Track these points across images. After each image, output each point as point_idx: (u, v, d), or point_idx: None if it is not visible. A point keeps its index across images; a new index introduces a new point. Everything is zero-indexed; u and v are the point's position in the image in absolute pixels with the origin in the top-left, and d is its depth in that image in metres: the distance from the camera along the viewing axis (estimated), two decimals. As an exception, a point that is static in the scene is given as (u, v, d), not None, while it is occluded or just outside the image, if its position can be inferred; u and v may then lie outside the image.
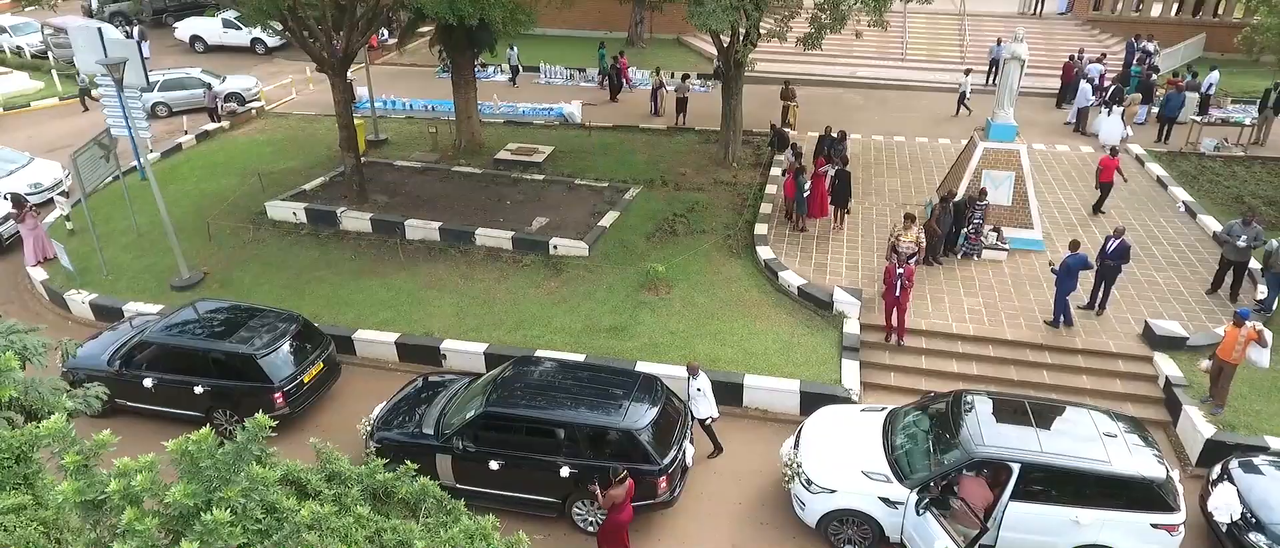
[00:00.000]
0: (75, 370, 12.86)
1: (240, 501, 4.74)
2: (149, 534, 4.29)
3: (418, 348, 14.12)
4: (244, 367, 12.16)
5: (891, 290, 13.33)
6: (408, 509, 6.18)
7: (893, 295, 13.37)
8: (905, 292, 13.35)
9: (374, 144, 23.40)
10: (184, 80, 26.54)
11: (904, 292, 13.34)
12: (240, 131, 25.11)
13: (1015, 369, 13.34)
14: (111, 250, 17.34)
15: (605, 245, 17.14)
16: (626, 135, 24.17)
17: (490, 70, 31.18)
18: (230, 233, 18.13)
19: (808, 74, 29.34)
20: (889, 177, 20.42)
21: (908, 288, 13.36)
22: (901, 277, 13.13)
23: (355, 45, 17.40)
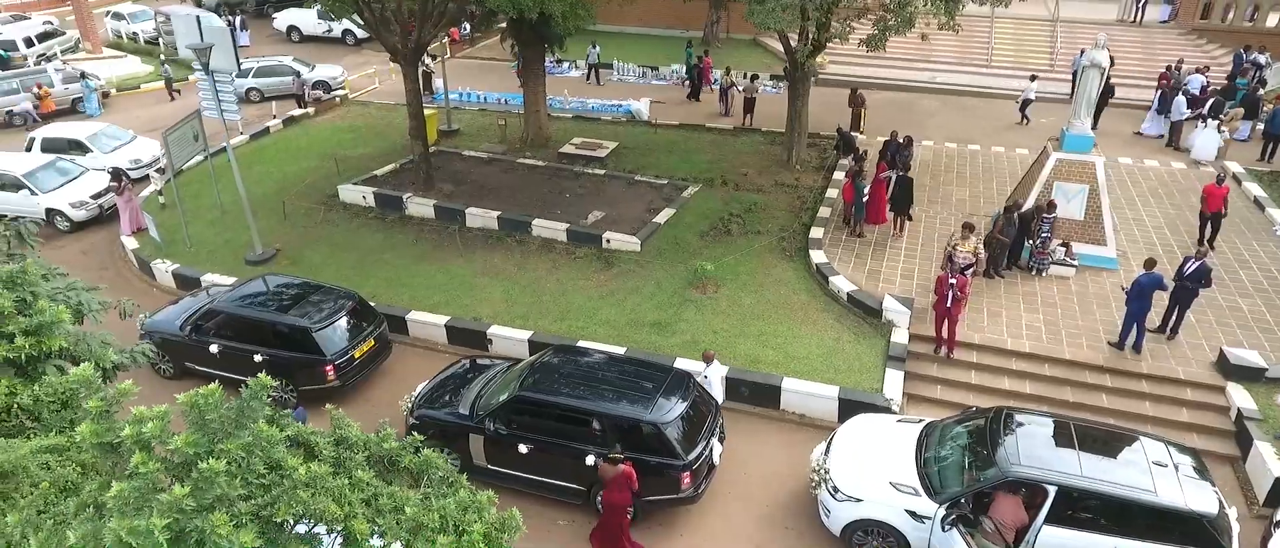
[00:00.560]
0: (151, 333, 13.81)
1: (241, 454, 5.04)
2: (151, 476, 4.61)
3: (466, 332, 14.53)
4: (300, 339, 12.77)
5: (943, 301, 12.93)
6: (411, 479, 6.40)
7: (944, 306, 12.96)
8: (957, 304, 12.92)
9: (446, 134, 24.14)
10: (276, 68, 27.99)
11: (956, 303, 12.91)
12: (324, 118, 26.32)
13: (1072, 391, 12.74)
14: (196, 225, 18.48)
15: (658, 242, 17.21)
16: (692, 134, 24.17)
17: (565, 66, 31.70)
18: (304, 213, 19.06)
19: (883, 78, 28.67)
20: (958, 186, 19.76)
21: (960, 300, 12.92)
22: (953, 287, 12.72)
23: (427, 37, 17.99)
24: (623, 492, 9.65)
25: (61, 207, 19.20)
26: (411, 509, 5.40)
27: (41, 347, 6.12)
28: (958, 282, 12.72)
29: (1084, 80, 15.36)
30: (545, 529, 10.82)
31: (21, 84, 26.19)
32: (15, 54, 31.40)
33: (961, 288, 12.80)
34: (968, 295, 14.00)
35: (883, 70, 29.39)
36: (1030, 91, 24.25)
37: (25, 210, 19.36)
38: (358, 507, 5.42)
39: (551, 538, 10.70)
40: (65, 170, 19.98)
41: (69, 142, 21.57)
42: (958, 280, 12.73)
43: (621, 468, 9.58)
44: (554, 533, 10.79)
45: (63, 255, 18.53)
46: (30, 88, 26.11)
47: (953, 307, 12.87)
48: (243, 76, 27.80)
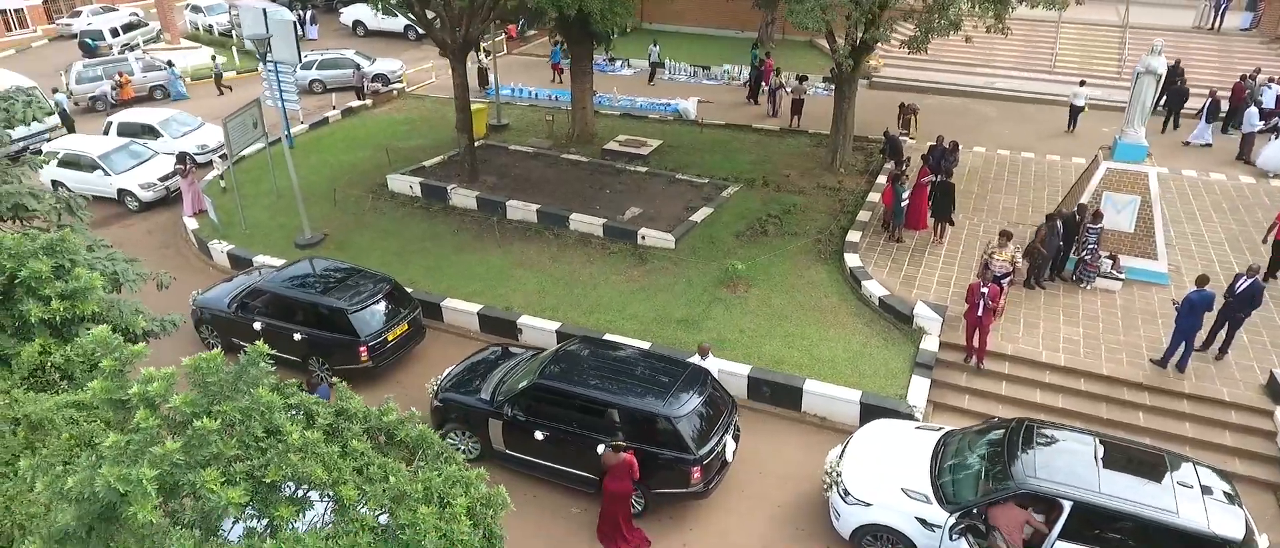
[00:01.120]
0: (202, 309, 14.54)
1: (237, 415, 5.34)
2: (150, 431, 4.94)
3: (497, 321, 14.85)
4: (337, 320, 13.27)
5: (973, 310, 12.65)
6: (407, 452, 6.64)
7: (974, 315, 12.69)
8: (989, 313, 12.62)
9: (495, 128, 24.64)
10: (337, 61, 28.99)
11: (987, 313, 12.62)
12: (381, 110, 27.15)
13: (1106, 407, 12.32)
14: (252, 209, 19.32)
15: (693, 240, 17.27)
16: (737, 135, 24.12)
17: (618, 64, 31.97)
18: (354, 200, 19.74)
19: (939, 83, 28.10)
20: (1007, 194, 19.25)
21: (992, 310, 12.62)
22: (984, 296, 12.43)
23: (475, 33, 18.41)
24: (623, 481, 9.78)
25: (131, 187, 20.31)
26: (395, 479, 5.62)
27: (75, 310, 6.59)
28: (989, 291, 12.43)
29: (1138, 87, 14.80)
30: (559, 516, 11.01)
31: (105, 72, 27.76)
32: (102, 43, 33.27)
33: (993, 297, 12.50)
34: (1000, 306, 13.67)
35: (940, 74, 28.82)
36: (1079, 98, 23.52)
37: (99, 189, 20.57)
38: (347, 474, 5.68)
39: (564, 524, 10.87)
40: (137, 153, 21.12)
41: (142, 126, 22.79)
42: (989, 290, 12.44)
43: (623, 457, 9.70)
44: (564, 518, 10.95)
45: (130, 233, 19.63)
46: (112, 75, 27.65)
47: (984, 316, 12.59)
48: (306, 69, 28.93)
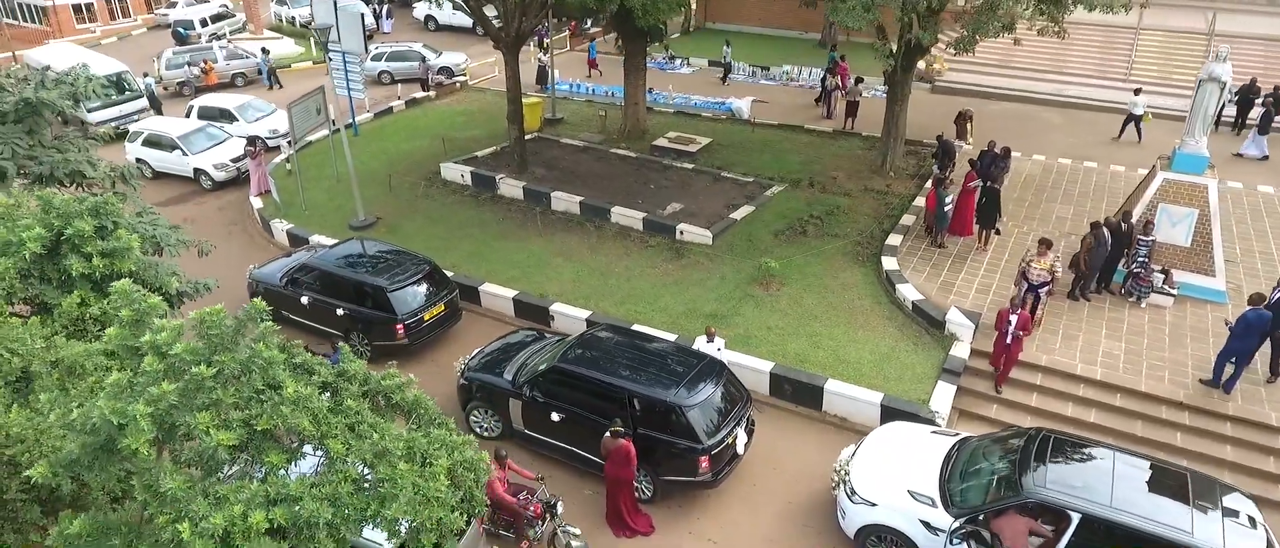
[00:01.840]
0: (257, 282, 15.38)
1: (235, 366, 5.77)
2: (153, 374, 5.40)
3: (531, 306, 15.25)
4: (377, 298, 13.87)
5: (1002, 337, 12.19)
6: (403, 414, 7.00)
7: (1002, 342, 12.20)
8: (1017, 342, 12.14)
9: (550, 122, 25.15)
10: (405, 53, 30.05)
11: (1016, 342, 12.14)
12: (443, 101, 28.03)
13: (1142, 425, 11.88)
14: (313, 191, 20.28)
15: (731, 237, 17.32)
16: (789, 135, 23.99)
17: (677, 63, 32.15)
18: (408, 187, 20.50)
19: (1007, 88, 27.32)
20: (1062, 203, 18.62)
21: (1021, 339, 12.16)
22: (1011, 324, 11.93)
23: (527, 27, 18.88)
24: (623, 467, 9.97)
25: (206, 167, 21.56)
26: (379, 436, 5.96)
27: (114, 267, 7.19)
28: (1019, 319, 11.98)
29: (1200, 95, 14.16)
30: (572, 497, 11.25)
31: (191, 59, 29.49)
32: (192, 32, 35.31)
33: (1023, 326, 12.04)
34: (1038, 316, 13.35)
35: (1007, 80, 28.01)
36: (1136, 106, 22.65)
37: (177, 168, 21.94)
38: (338, 429, 6.06)
39: (578, 506, 11.11)
40: (213, 135, 22.40)
41: (220, 110, 24.16)
42: (1019, 318, 11.98)
43: (621, 443, 9.90)
44: (578, 500, 11.20)
45: (203, 210, 20.86)
46: (198, 63, 29.36)
47: (1012, 345, 12.12)
48: (376, 60, 30.11)
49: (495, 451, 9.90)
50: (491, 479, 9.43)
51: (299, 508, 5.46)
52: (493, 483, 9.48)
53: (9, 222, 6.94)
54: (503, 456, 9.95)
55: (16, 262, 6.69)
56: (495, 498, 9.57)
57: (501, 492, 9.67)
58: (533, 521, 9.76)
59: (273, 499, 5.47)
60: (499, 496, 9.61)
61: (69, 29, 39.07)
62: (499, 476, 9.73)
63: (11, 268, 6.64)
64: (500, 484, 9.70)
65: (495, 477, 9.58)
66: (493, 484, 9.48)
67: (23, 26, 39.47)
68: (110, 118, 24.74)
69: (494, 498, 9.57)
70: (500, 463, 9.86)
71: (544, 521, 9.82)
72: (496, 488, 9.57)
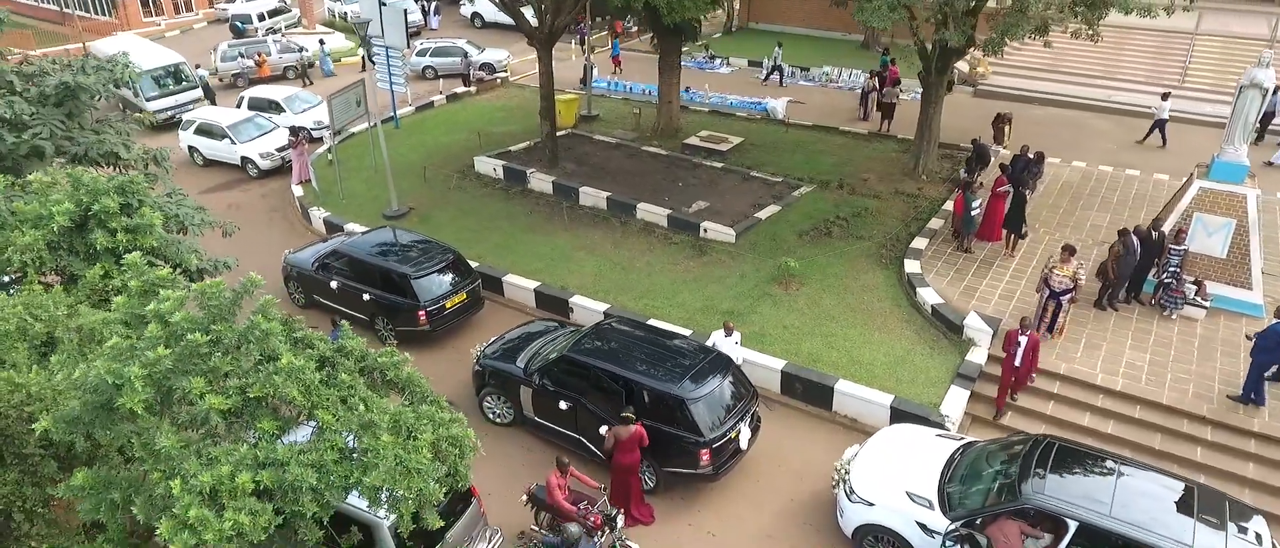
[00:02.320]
0: (291, 266, 15.97)
1: (232, 336, 6.11)
2: (154, 339, 5.76)
3: (552, 298, 15.52)
4: (401, 285, 14.29)
5: (1010, 359, 11.83)
6: (397, 390, 7.28)
7: (1011, 364, 11.84)
8: (1028, 363, 11.79)
9: (585, 119, 25.44)
10: (449, 49, 30.69)
11: (1027, 362, 11.78)
12: (483, 97, 28.56)
13: (1161, 438, 11.59)
14: (352, 181, 20.92)
15: (754, 236, 17.35)
16: (823, 136, 23.85)
17: (717, 62, 32.17)
18: (442, 179, 20.99)
19: (1053, 94, 26.65)
20: (1099, 211, 18.16)
21: (1031, 362, 11.80)
22: (1020, 346, 11.60)
23: (560, 24, 19.17)
24: (633, 452, 10.13)
25: (252, 156, 22.40)
26: (366, 408, 6.24)
27: (136, 242, 7.64)
28: (1028, 341, 11.66)
29: (1241, 102, 13.72)
30: (575, 484, 11.49)
31: (245, 52, 30.60)
32: (249, 26, 36.60)
33: (1033, 348, 11.72)
34: (1060, 324, 13.14)
35: (1054, 85, 27.34)
36: (1162, 111, 22.12)
37: (226, 156, 22.83)
38: (328, 400, 6.36)
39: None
40: (260, 125, 23.26)
41: (269, 101, 25.04)
42: (1028, 340, 11.66)
43: (633, 428, 10.06)
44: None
45: (248, 196, 21.68)
46: (251, 55, 30.44)
47: (1022, 366, 11.79)
48: (421, 56, 30.82)
49: (558, 458, 9.82)
50: (551, 486, 9.48)
51: (285, 473, 5.76)
52: (552, 489, 9.46)
53: (42, 197, 7.45)
54: (565, 463, 9.72)
55: (45, 234, 7.18)
56: (554, 505, 9.48)
57: (561, 499, 9.50)
58: (592, 531, 9.43)
59: (261, 463, 5.78)
60: (558, 503, 9.47)
61: (136, 22, 40.83)
62: (559, 483, 9.58)
63: (40, 239, 7.14)
64: (560, 491, 9.54)
65: (555, 484, 9.52)
66: (552, 491, 9.46)
67: (95, 19, 41.36)
68: (167, 107, 25.88)
69: (553, 505, 9.48)
70: (562, 470, 9.67)
71: (603, 533, 9.51)
72: (556, 495, 9.47)
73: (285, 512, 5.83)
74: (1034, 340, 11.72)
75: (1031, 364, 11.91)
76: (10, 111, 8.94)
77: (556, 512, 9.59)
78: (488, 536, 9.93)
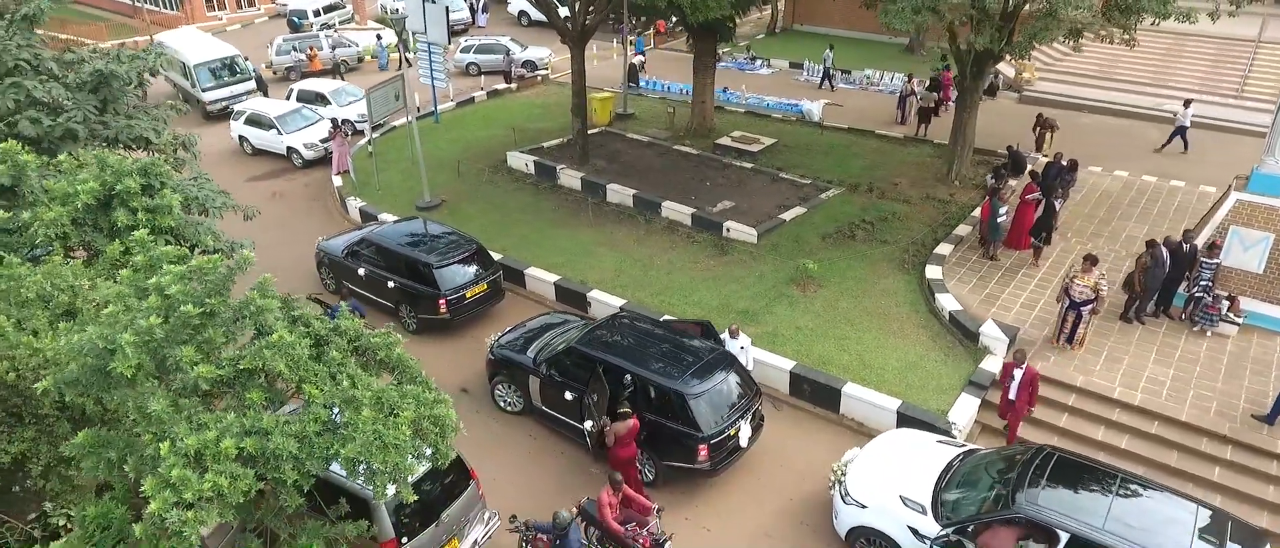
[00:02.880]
0: (323, 252, 16.55)
1: (227, 310, 6.46)
2: (154, 308, 6.14)
3: (571, 292, 15.77)
4: (423, 273, 14.70)
5: (1006, 393, 11.32)
6: (388, 370, 7.58)
7: (1006, 399, 11.33)
8: (1024, 397, 11.22)
9: (621, 117, 25.68)
10: (492, 46, 31.27)
11: (1023, 398, 11.21)
12: (523, 94, 29.04)
13: (1177, 456, 11.26)
14: (389, 173, 21.53)
15: (777, 237, 17.34)
16: (858, 139, 23.64)
17: (758, 63, 32.09)
18: (475, 173, 21.46)
19: (1101, 100, 25.91)
20: (1137, 222, 17.64)
21: (1027, 397, 11.22)
22: (1015, 380, 11.10)
23: (592, 22, 19.43)
24: (630, 446, 10.28)
25: (297, 146, 23.22)
26: (348, 383, 6.53)
27: (155, 222, 8.10)
28: (1025, 374, 11.14)
29: (1283, 112, 13.22)
30: (579, 473, 11.68)
31: (297, 46, 31.67)
32: (305, 21, 37.83)
33: (1029, 383, 11.18)
34: (1081, 335, 12.84)
35: (1103, 92, 26.59)
36: (1184, 118, 21.62)
37: (274, 146, 23.69)
38: (314, 375, 6.67)
39: (584, 482, 11.53)
40: (306, 117, 24.09)
41: (316, 94, 25.91)
42: (1026, 372, 11.15)
43: (631, 422, 10.21)
44: (585, 477, 11.61)
45: (292, 185, 22.49)
46: (304, 50, 31.49)
47: (1017, 400, 11.30)
48: (465, 52, 31.47)
49: (611, 474, 9.52)
50: (602, 503, 9.22)
51: (268, 441, 6.09)
52: (603, 507, 9.20)
53: (71, 176, 7.97)
54: (618, 480, 9.41)
55: (70, 210, 7.69)
56: (603, 523, 9.23)
57: (609, 518, 9.23)
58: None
59: (247, 431, 6.12)
60: (607, 522, 9.22)
61: (201, 16, 42.54)
62: (609, 501, 9.28)
63: (66, 215, 7.64)
64: (610, 510, 9.25)
65: (606, 501, 9.25)
66: (602, 509, 9.20)
67: (163, 12, 43.24)
68: (221, 97, 26.99)
69: (602, 522, 9.23)
70: (615, 488, 9.36)
71: None
72: (605, 513, 9.21)
73: (267, 478, 6.16)
74: (1031, 374, 11.15)
75: (1028, 400, 11.31)
76: (48, 96, 9.59)
77: (604, 530, 9.29)
78: (485, 518, 10.19)
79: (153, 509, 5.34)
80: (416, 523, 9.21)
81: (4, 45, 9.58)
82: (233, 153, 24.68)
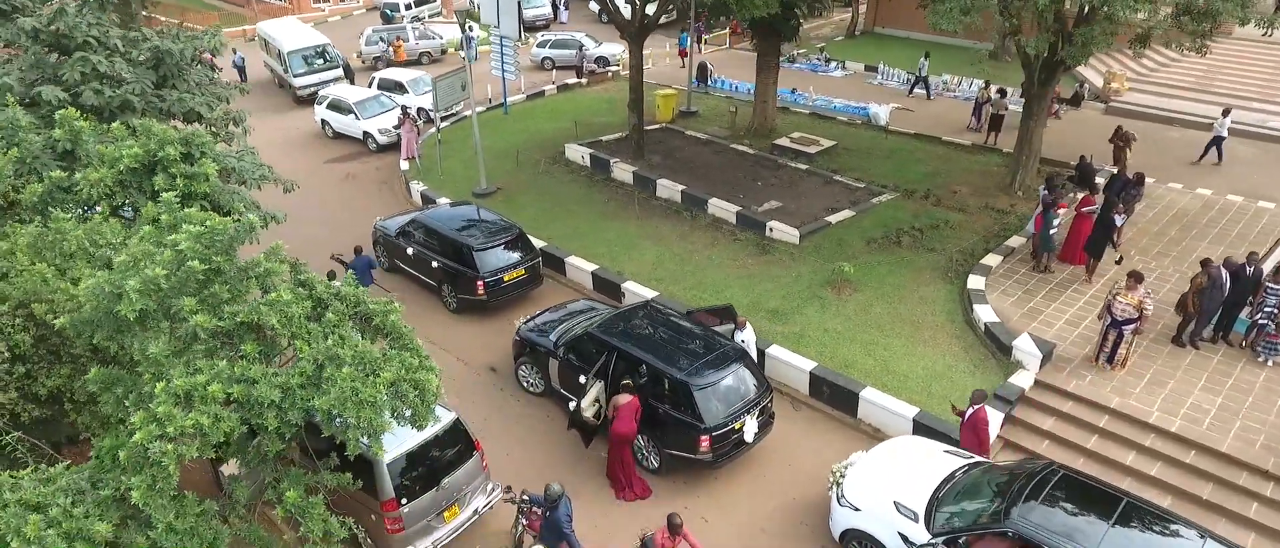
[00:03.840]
0: (379, 232, 17.43)
1: (232, 268, 7.04)
2: (166, 261, 6.76)
3: (607, 282, 16.09)
4: (464, 255, 15.31)
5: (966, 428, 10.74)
6: (383, 335, 8.04)
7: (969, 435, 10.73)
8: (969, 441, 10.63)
9: (685, 115, 25.84)
10: (567, 41, 31.96)
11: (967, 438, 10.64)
12: (592, 89, 29.57)
13: (1212, 489, 10.61)
14: (452, 161, 22.40)
15: (820, 239, 17.15)
16: (924, 144, 23.03)
17: (832, 66, 31.62)
18: (532, 163, 22.07)
19: (1194, 114, 24.31)
20: (1212, 243, 16.56)
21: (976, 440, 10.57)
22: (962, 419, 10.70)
23: (652, 19, 19.67)
24: (628, 422, 10.52)
25: (372, 131, 24.43)
26: (331, 340, 6.99)
27: (191, 188, 8.85)
28: (974, 414, 10.50)
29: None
30: (586, 454, 11.96)
31: (385, 37, 33.21)
32: (397, 14, 39.58)
33: (973, 425, 10.51)
34: (1124, 357, 12.21)
35: (1200, 106, 24.91)
36: (1222, 127, 20.38)
37: (351, 130, 24.98)
38: (306, 332, 7.18)
39: (587, 462, 11.82)
40: (383, 104, 25.31)
41: (394, 83, 27.15)
42: (975, 413, 10.51)
43: (630, 398, 10.44)
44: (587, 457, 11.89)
45: (364, 167, 23.68)
46: (391, 41, 33.00)
47: (962, 440, 10.76)
48: (541, 47, 32.27)
49: (670, 516, 8.83)
50: (657, 545, 8.78)
51: (254, 389, 6.62)
52: None
53: (120, 142, 8.81)
54: (677, 523, 8.76)
55: (115, 173, 8.51)
56: None
57: None
58: None
59: (236, 379, 6.66)
60: None
61: (305, 7, 45.06)
62: (664, 542, 8.77)
63: (110, 177, 8.47)
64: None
65: (660, 543, 8.80)
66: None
67: (271, 4, 46.03)
68: (310, 83, 28.62)
69: None
70: (672, 531, 8.76)
71: None
72: None
73: (251, 423, 6.69)
74: (978, 417, 10.52)
75: (976, 444, 10.59)
76: (111, 69, 10.61)
77: None
78: (488, 489, 10.60)
79: (137, 439, 5.92)
80: (416, 487, 9.67)
81: (76, 23, 10.71)
82: (316, 136, 26.17)
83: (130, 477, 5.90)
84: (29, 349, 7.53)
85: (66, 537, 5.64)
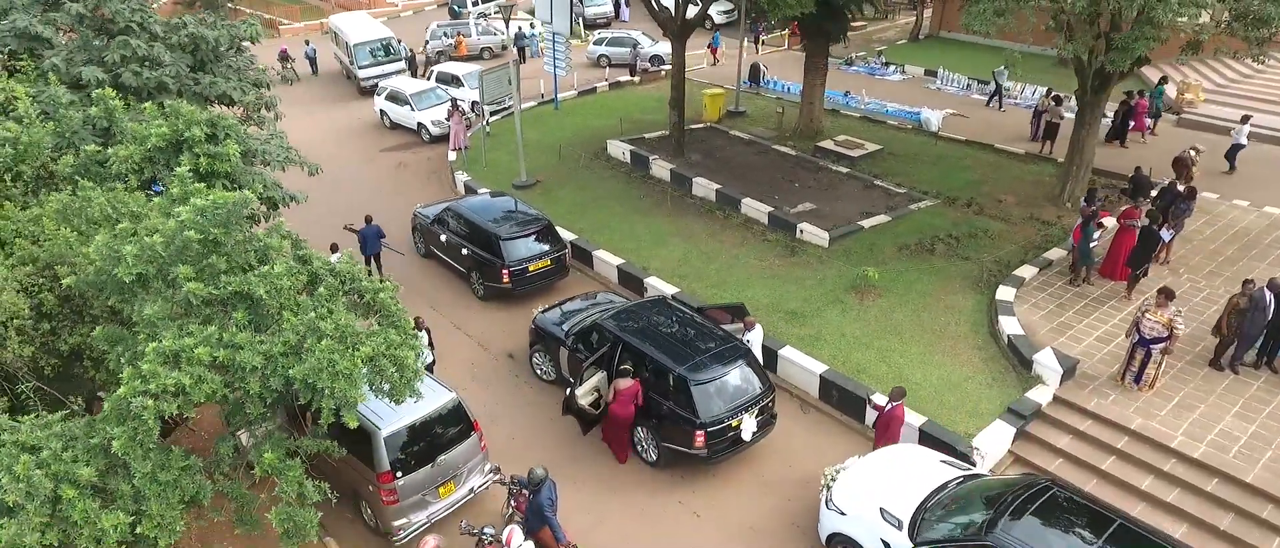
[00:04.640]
0: (417, 218, 18.02)
1: (228, 239, 7.49)
2: (171, 232, 7.24)
3: (631, 276, 16.24)
4: (491, 244, 15.69)
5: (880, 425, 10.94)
6: (374, 312, 8.40)
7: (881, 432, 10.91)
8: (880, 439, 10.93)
9: (732, 115, 25.77)
10: (622, 40, 32.24)
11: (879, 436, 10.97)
12: (643, 87, 29.76)
13: (1232, 520, 10.07)
14: (497, 153, 22.92)
15: (850, 243, 16.91)
16: (974, 152, 22.38)
17: (890, 70, 31.00)
18: (574, 157, 22.40)
19: (1271, 129, 22.85)
20: (1271, 265, 15.62)
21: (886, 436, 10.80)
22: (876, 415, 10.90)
23: (694, 17, 19.71)
24: (627, 405, 10.68)
25: (426, 122, 25.21)
26: (314, 314, 7.35)
27: (214, 167, 9.41)
28: (891, 411, 10.68)
29: None
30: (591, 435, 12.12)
31: (448, 32, 34.16)
32: (464, 11, 40.61)
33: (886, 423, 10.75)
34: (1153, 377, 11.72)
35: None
36: (1241, 135, 19.43)
37: (407, 121, 25.83)
38: (292, 304, 7.58)
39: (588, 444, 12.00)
40: (438, 96, 26.07)
41: (451, 77, 27.93)
42: (892, 411, 10.68)
43: (631, 382, 10.60)
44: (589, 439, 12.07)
45: (417, 157, 24.45)
46: (453, 36, 33.92)
47: (876, 439, 10.94)
48: (598, 44, 32.64)
49: None
50: None
51: (238, 354, 7.03)
52: None
53: (151, 121, 9.44)
54: None
55: (143, 150, 9.13)
56: None
57: None
58: None
59: (223, 344, 7.09)
60: None
61: (380, 2, 46.71)
62: None
63: (138, 153, 9.09)
64: None
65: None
66: None
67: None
68: (374, 75, 29.68)
69: None
70: None
71: None
72: None
73: (235, 386, 7.11)
74: (891, 414, 10.72)
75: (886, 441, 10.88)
76: (150, 52, 11.37)
77: None
78: (485, 469, 10.89)
79: (120, 393, 6.38)
80: (413, 462, 10.02)
81: (119, 9, 11.51)
82: (375, 125, 27.15)
83: (113, 427, 6.36)
84: (54, 307, 8.16)
85: (53, 478, 6.13)
